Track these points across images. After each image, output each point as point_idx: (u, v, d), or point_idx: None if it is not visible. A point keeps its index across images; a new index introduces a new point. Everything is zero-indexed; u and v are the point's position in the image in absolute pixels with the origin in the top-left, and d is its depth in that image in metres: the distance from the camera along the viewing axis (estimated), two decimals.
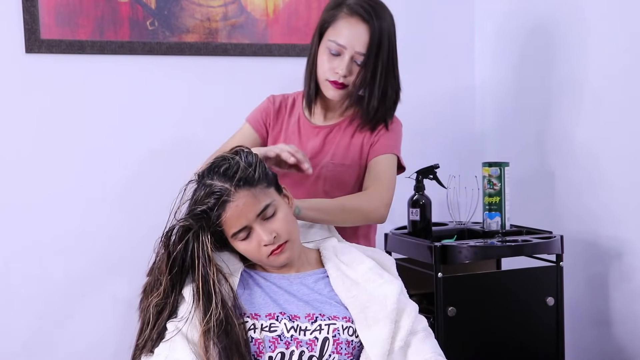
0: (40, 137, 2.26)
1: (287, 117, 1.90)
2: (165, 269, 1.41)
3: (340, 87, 1.76)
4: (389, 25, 1.76)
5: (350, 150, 1.83)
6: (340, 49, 1.72)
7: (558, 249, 2.08)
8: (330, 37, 1.74)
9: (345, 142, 1.84)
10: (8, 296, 2.25)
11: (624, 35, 2.05)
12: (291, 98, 1.93)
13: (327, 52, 1.74)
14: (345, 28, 1.72)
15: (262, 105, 1.95)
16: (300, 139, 1.86)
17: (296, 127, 1.88)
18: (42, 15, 2.22)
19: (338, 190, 1.81)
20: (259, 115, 1.92)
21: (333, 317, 1.43)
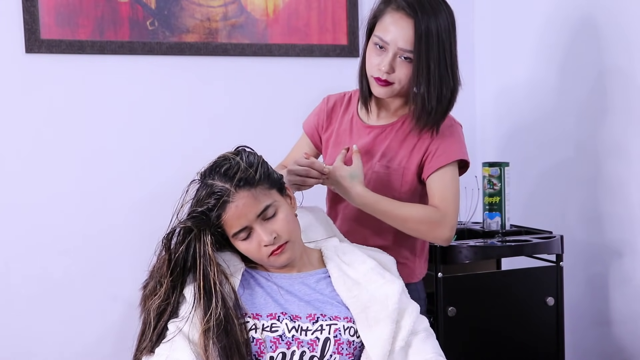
0: (40, 137, 2.26)
1: (341, 115, 1.85)
2: (166, 271, 1.41)
3: (385, 84, 1.69)
4: (442, 21, 1.65)
5: (399, 152, 1.75)
6: (384, 44, 1.66)
7: (558, 249, 2.08)
8: (377, 32, 1.68)
9: (395, 143, 1.76)
10: (8, 296, 2.25)
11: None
12: (347, 96, 1.87)
13: (374, 48, 1.68)
14: (390, 24, 1.66)
15: (317, 108, 1.90)
16: (352, 137, 1.80)
17: (349, 125, 1.82)
18: (42, 15, 2.22)
19: (383, 193, 1.72)
20: (312, 121, 1.88)
21: (334, 318, 1.43)
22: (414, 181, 1.75)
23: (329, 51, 2.53)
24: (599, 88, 2.16)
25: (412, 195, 1.76)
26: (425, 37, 1.63)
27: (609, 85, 2.12)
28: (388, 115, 1.79)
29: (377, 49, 1.67)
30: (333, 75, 2.56)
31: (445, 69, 1.67)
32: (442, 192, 1.70)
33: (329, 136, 1.84)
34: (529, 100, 2.48)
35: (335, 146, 1.81)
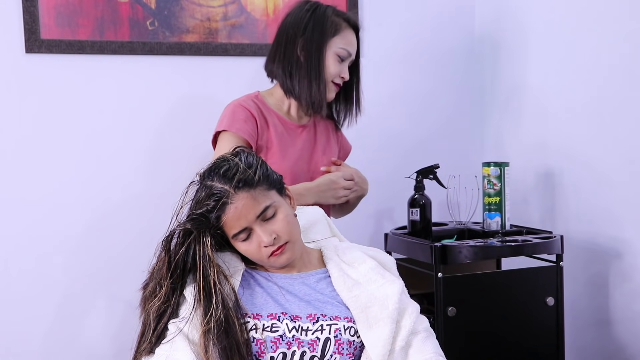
0: (40, 137, 2.26)
1: (269, 119, 1.98)
2: (166, 273, 1.41)
3: (337, 89, 1.99)
4: None
5: (330, 144, 2.08)
6: (347, 55, 1.96)
7: (558, 249, 2.08)
8: (340, 45, 1.94)
9: (324, 139, 2.06)
10: (8, 296, 2.25)
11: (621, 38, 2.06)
12: (257, 101, 1.99)
13: (336, 58, 1.94)
14: (350, 37, 1.96)
15: (240, 115, 1.94)
16: (290, 138, 1.99)
17: (281, 127, 1.99)
18: (42, 15, 2.22)
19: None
20: (248, 128, 1.93)
21: (335, 318, 1.43)
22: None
23: None
24: (601, 87, 2.16)
25: None
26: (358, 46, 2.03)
27: (613, 85, 2.12)
28: (302, 115, 2.03)
29: (339, 60, 1.94)
30: None
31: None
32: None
33: (267, 142, 1.96)
34: (528, 100, 2.48)
35: (282, 150, 1.96)
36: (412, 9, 2.65)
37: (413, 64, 2.65)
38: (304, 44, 1.92)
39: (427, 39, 2.67)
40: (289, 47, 1.93)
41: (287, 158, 1.96)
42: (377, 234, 2.58)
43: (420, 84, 2.67)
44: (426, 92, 2.69)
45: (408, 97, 2.63)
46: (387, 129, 2.59)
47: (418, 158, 2.42)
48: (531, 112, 2.47)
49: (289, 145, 1.97)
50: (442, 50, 2.70)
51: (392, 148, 2.55)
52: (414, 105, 2.67)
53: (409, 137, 2.65)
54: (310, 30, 1.91)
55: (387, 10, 2.50)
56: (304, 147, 2.00)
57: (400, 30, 2.46)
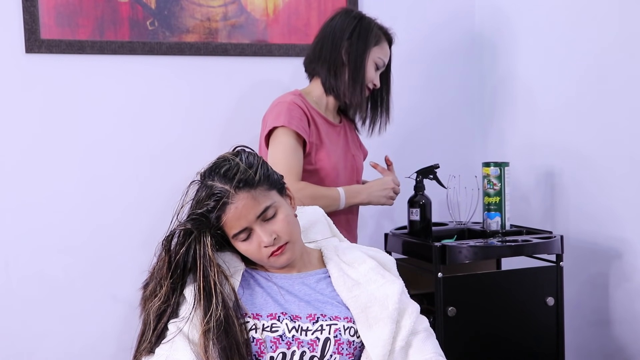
0: (40, 137, 2.26)
1: (315, 116, 2.09)
2: (166, 273, 1.41)
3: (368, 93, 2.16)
4: None
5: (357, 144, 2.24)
6: (382, 65, 2.14)
7: (558, 249, 2.08)
8: (379, 54, 2.10)
9: (352, 138, 2.22)
10: (8, 296, 2.25)
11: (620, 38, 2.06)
12: (302, 100, 2.09)
13: (373, 65, 2.10)
14: (386, 49, 2.14)
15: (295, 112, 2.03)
16: (334, 136, 2.13)
17: (325, 126, 2.11)
18: (42, 15, 2.22)
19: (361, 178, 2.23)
20: (303, 125, 2.03)
21: (334, 318, 1.43)
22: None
23: None
24: (601, 87, 2.16)
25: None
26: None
27: (613, 86, 2.12)
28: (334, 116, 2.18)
29: (375, 66, 2.10)
30: None
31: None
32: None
33: (317, 138, 2.06)
34: (528, 100, 2.48)
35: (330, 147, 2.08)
36: (412, 9, 2.65)
37: (413, 63, 2.65)
38: (348, 48, 2.06)
39: (427, 39, 2.67)
40: (335, 49, 2.07)
41: (334, 155, 2.09)
42: (377, 234, 2.58)
43: (420, 83, 2.67)
44: (426, 92, 2.69)
45: (408, 97, 2.62)
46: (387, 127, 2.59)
47: (418, 158, 2.42)
48: (531, 112, 2.47)
49: (334, 142, 2.11)
50: (442, 50, 2.70)
51: (392, 148, 2.54)
52: (414, 105, 2.67)
53: (409, 137, 2.65)
54: (357, 37, 2.06)
55: (386, 10, 2.50)
56: (344, 144, 2.16)
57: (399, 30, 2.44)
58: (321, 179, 2.07)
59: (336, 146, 2.12)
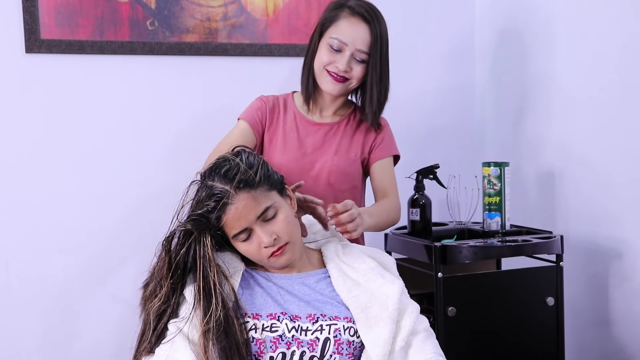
0: (40, 137, 2.26)
1: (282, 115, 2.00)
2: (166, 274, 1.41)
3: (340, 80, 1.89)
4: (385, 30, 1.90)
5: (352, 146, 1.98)
6: (341, 45, 1.85)
7: (558, 249, 2.08)
8: (332, 34, 1.87)
9: (347, 139, 1.99)
10: (8, 296, 2.25)
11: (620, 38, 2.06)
12: (282, 98, 2.03)
13: (328, 48, 1.87)
14: (347, 27, 1.86)
15: (255, 104, 2.02)
16: (299, 135, 1.97)
17: (294, 124, 1.98)
18: (42, 15, 2.22)
19: (344, 182, 1.96)
20: (255, 114, 1.99)
21: (334, 318, 1.43)
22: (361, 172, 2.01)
23: None
24: (601, 87, 2.16)
25: (363, 184, 2.05)
26: (379, 41, 1.87)
27: (612, 86, 2.12)
28: (329, 115, 2.00)
29: (331, 50, 1.86)
30: None
31: (387, 71, 1.93)
32: (390, 179, 2.00)
33: (273, 135, 1.98)
34: (528, 99, 2.48)
35: (285, 144, 1.96)
36: (412, 8, 2.65)
37: (412, 63, 2.65)
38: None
39: (426, 39, 2.67)
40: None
41: (286, 153, 1.95)
42: (377, 234, 2.57)
43: (419, 83, 2.67)
44: (425, 91, 2.68)
45: (407, 97, 2.62)
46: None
47: (418, 158, 2.42)
48: (531, 111, 2.47)
49: (295, 141, 1.97)
50: (442, 49, 2.70)
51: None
52: (414, 105, 2.67)
53: (409, 137, 2.65)
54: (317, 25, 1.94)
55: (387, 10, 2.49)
56: (314, 145, 1.97)
57: (399, 30, 2.45)
58: None
59: (298, 144, 1.96)
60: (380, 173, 1.99)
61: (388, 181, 1.99)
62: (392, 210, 1.95)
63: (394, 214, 1.95)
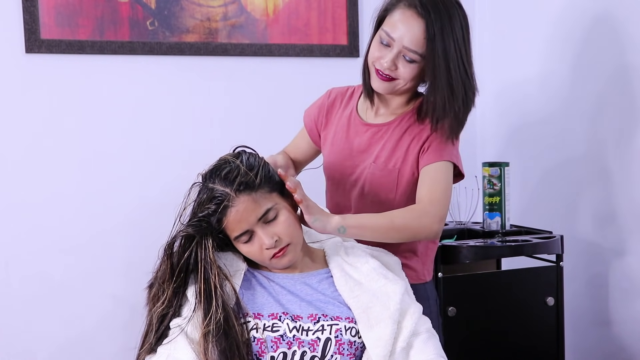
0: (40, 137, 2.26)
1: (340, 110, 1.81)
2: (169, 278, 1.42)
3: (385, 79, 1.64)
4: (455, 24, 1.59)
5: (395, 153, 1.70)
6: (389, 40, 1.61)
7: (558, 249, 2.08)
8: (385, 26, 1.62)
9: (391, 143, 1.71)
10: (8, 296, 2.25)
11: None
12: (350, 90, 1.83)
13: (379, 41, 1.63)
14: (399, 20, 1.60)
15: (319, 100, 1.86)
16: (348, 135, 1.77)
17: (347, 121, 1.78)
18: (42, 15, 2.22)
19: (378, 194, 1.71)
20: (313, 114, 1.85)
21: (336, 318, 1.43)
22: (409, 183, 1.69)
23: (329, 51, 2.53)
24: (600, 86, 2.16)
25: (407, 199, 1.70)
26: (436, 40, 1.57)
27: (611, 85, 2.12)
28: (387, 113, 1.75)
29: (382, 44, 1.62)
30: (333, 75, 2.54)
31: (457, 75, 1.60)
32: (432, 184, 1.64)
33: (327, 134, 1.82)
34: (530, 100, 2.48)
35: (334, 145, 1.78)
36: None
37: None
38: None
39: None
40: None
41: (332, 154, 1.78)
42: None
43: None
44: None
45: None
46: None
47: None
48: (531, 111, 2.47)
49: (342, 142, 1.77)
50: None
51: None
52: None
53: None
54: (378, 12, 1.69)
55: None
56: (359, 147, 1.74)
57: None
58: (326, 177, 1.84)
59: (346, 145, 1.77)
60: (423, 178, 1.66)
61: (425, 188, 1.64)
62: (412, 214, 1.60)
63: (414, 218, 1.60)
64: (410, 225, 1.59)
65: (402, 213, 1.61)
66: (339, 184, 1.78)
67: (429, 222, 1.60)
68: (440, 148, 1.67)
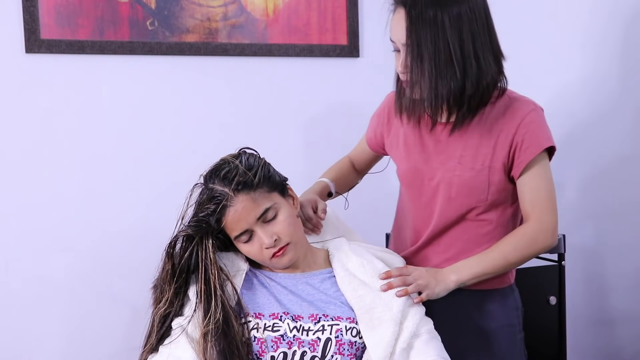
0: (40, 137, 2.26)
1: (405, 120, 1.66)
2: (170, 279, 1.42)
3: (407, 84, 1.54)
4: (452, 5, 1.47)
5: (481, 150, 1.55)
6: (394, 45, 1.54)
7: (560, 249, 2.08)
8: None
9: (474, 140, 1.56)
10: (8, 296, 2.25)
11: None
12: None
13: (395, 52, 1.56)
14: (392, 21, 1.54)
15: (381, 105, 1.76)
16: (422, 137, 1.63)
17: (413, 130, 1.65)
18: (42, 15, 2.21)
19: (466, 197, 1.56)
20: (372, 124, 1.78)
21: (337, 318, 1.43)
22: (502, 182, 1.55)
23: (329, 51, 2.53)
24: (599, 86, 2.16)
25: (503, 200, 1.58)
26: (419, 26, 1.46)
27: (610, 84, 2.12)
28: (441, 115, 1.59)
29: (396, 53, 1.54)
30: (333, 75, 2.55)
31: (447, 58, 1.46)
32: (533, 195, 1.53)
33: (392, 139, 1.69)
34: None
35: (405, 148, 1.65)
36: None
37: None
38: None
39: None
40: None
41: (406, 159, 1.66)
42: (379, 234, 2.57)
43: None
44: None
45: None
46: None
47: None
48: None
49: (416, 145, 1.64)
50: None
51: None
52: None
53: None
54: None
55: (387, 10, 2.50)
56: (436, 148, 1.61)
57: None
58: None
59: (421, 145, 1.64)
60: (523, 189, 1.54)
61: (530, 195, 1.53)
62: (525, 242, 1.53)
63: (529, 245, 1.52)
64: (526, 255, 1.55)
65: (513, 245, 1.53)
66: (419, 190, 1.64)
67: (543, 242, 1.54)
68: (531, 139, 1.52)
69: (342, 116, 2.57)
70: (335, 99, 2.57)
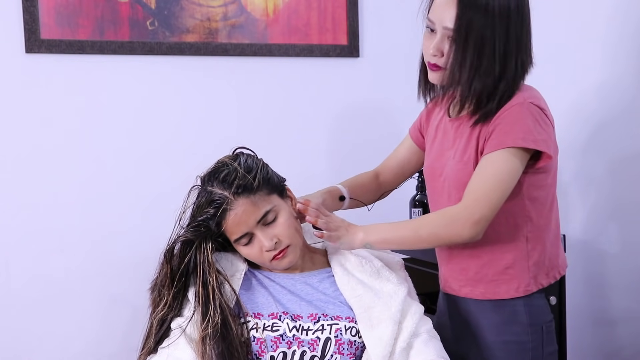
0: (40, 137, 2.26)
1: (439, 111, 1.66)
2: (169, 283, 1.42)
3: (435, 69, 1.50)
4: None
5: (469, 144, 1.52)
6: (432, 24, 1.48)
7: None
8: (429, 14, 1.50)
9: (466, 136, 1.53)
10: (8, 296, 2.25)
11: None
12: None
13: (426, 31, 1.51)
14: (437, 2, 1.48)
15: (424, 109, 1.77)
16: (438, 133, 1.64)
17: (440, 120, 1.65)
18: (42, 15, 2.21)
19: (460, 191, 1.50)
20: (415, 124, 1.79)
21: (336, 317, 1.43)
22: None
23: (329, 51, 2.53)
24: (599, 86, 2.16)
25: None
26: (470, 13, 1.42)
27: (610, 84, 2.12)
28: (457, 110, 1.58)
29: (429, 32, 1.49)
30: (333, 75, 2.56)
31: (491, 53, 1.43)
32: (476, 182, 1.45)
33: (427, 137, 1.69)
34: None
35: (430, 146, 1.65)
36: (412, 8, 2.64)
37: (413, 63, 2.64)
38: None
39: None
40: None
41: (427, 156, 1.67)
42: None
43: None
44: None
45: (408, 96, 2.61)
46: (388, 128, 2.59)
47: None
48: None
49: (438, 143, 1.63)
50: None
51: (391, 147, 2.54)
52: (414, 105, 2.66)
53: None
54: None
55: (387, 10, 2.50)
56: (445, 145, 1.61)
57: (400, 30, 2.45)
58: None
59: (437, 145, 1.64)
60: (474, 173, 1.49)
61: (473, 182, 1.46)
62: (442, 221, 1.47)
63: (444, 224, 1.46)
64: (438, 234, 1.47)
65: (429, 220, 1.50)
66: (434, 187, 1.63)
67: (459, 229, 1.43)
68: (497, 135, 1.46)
69: (342, 116, 2.57)
70: (335, 99, 2.57)
